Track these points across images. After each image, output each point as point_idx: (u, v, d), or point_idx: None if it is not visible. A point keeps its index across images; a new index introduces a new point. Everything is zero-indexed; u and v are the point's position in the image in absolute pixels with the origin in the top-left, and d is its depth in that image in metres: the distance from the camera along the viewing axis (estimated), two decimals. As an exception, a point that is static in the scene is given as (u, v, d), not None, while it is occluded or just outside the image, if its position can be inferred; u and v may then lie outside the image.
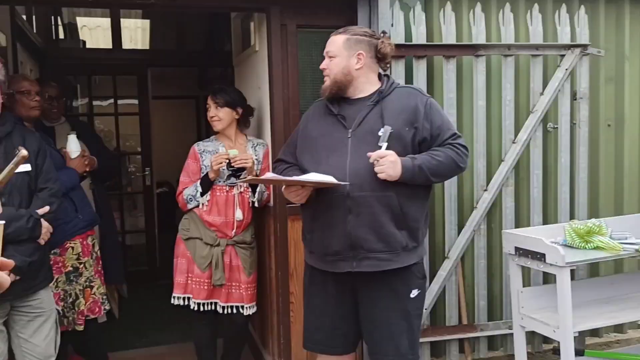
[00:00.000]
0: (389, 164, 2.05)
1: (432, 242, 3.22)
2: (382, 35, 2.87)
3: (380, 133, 2.10)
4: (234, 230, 2.96)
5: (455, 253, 3.18)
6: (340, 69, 2.20)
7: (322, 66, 2.26)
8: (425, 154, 2.16)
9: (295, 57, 3.06)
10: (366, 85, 2.25)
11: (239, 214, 2.95)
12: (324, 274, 2.25)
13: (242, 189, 2.98)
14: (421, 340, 3.14)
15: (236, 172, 2.92)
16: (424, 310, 3.14)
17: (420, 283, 2.25)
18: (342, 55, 2.21)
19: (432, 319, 3.24)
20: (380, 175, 2.06)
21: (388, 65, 2.58)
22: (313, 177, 2.10)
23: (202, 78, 7.41)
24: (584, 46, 3.29)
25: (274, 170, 2.44)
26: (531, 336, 3.30)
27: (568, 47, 3.28)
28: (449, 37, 3.17)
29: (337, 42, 2.23)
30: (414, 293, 2.22)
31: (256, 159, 3.02)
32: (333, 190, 2.11)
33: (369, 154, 2.07)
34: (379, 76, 2.30)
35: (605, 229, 2.72)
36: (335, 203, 2.13)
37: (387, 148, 2.09)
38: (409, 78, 3.11)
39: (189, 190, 2.97)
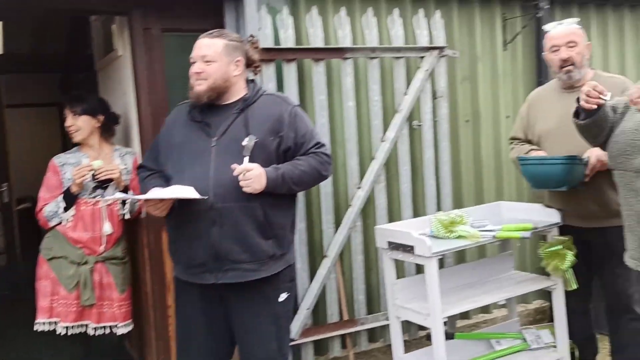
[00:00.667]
0: (254, 177, 2.05)
1: (311, 242, 3.28)
2: (250, 39, 2.88)
3: (244, 143, 2.10)
4: (103, 246, 2.81)
5: (334, 251, 3.26)
6: (220, 74, 2.16)
7: (196, 70, 2.15)
8: (288, 163, 2.17)
9: (161, 62, 2.97)
10: (236, 91, 2.24)
11: (107, 228, 2.80)
12: (191, 286, 2.20)
13: (110, 201, 2.83)
14: (304, 340, 3.21)
15: (102, 184, 2.77)
16: (306, 310, 3.18)
17: (288, 286, 2.27)
18: (222, 60, 2.16)
19: (314, 318, 3.30)
20: (246, 189, 2.05)
21: (258, 70, 2.58)
22: (173, 190, 2.06)
23: (64, 83, 6.95)
24: (441, 48, 3.51)
25: (137, 176, 2.37)
26: (408, 325, 3.47)
27: (427, 49, 3.48)
28: (316, 40, 3.23)
29: (215, 47, 2.16)
30: (283, 297, 2.24)
31: (125, 169, 2.89)
32: (196, 201, 2.07)
33: (234, 166, 2.06)
34: (246, 82, 2.30)
35: (467, 219, 2.92)
36: (199, 215, 2.09)
37: (252, 157, 2.08)
38: (279, 82, 3.14)
39: (50, 206, 2.77)
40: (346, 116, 3.32)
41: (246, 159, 2.07)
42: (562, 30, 2.84)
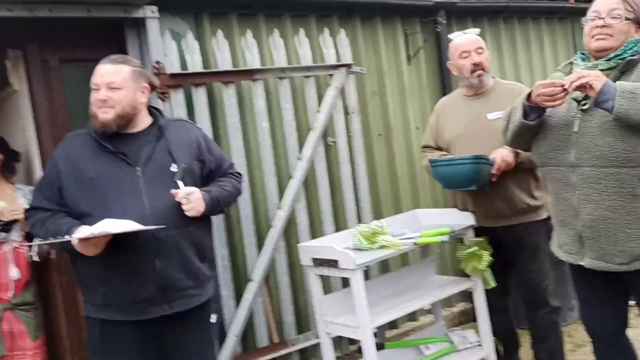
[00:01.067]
0: (197, 200, 2.07)
1: (235, 267, 3.22)
2: (156, 65, 2.82)
3: (173, 169, 2.09)
4: (11, 292, 2.62)
5: (259, 274, 3.22)
6: (128, 101, 2.09)
7: (101, 98, 2.06)
8: (215, 185, 2.22)
9: (62, 94, 2.86)
10: (142, 119, 2.18)
11: (14, 273, 2.62)
12: (122, 325, 2.09)
13: (16, 244, 2.66)
14: (235, 368, 3.12)
15: (5, 226, 2.60)
16: (234, 337, 3.11)
17: (216, 307, 2.32)
18: (130, 87, 2.10)
19: (243, 345, 3.22)
20: (189, 213, 2.06)
21: (166, 97, 2.53)
22: (112, 225, 1.93)
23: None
24: (349, 65, 3.59)
25: (27, 220, 2.18)
26: (339, 341, 3.47)
27: (335, 67, 3.55)
28: (225, 63, 3.22)
29: (122, 73, 2.09)
30: (213, 318, 2.27)
31: (30, 209, 2.71)
32: (136, 235, 1.98)
33: (174, 192, 2.04)
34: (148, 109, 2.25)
35: (387, 229, 2.97)
36: (139, 248, 2.02)
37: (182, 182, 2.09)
38: (189, 107, 3.09)
39: (-54, 254, 2.55)
40: (261, 137, 3.31)
41: (181, 183, 2.07)
42: (470, 37, 2.99)
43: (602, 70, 2.05)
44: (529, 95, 2.12)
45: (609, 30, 2.05)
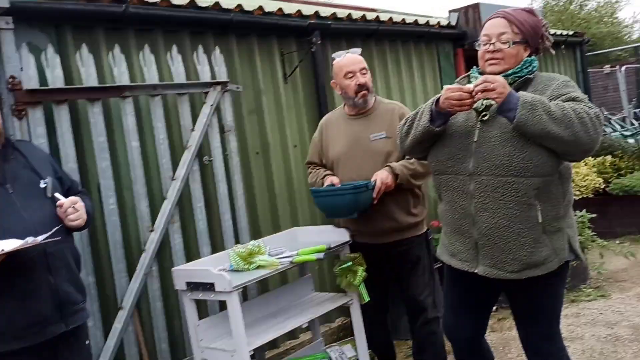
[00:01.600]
0: (82, 210, 2.11)
1: (103, 295, 3.02)
2: (11, 80, 2.62)
3: (43, 184, 2.07)
4: None
5: (129, 301, 3.05)
6: None
7: None
8: (80, 199, 2.16)
9: None
10: None
11: None
12: (15, 355, 1.95)
13: None
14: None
15: None
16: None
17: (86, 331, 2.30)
18: None
19: (114, 378, 3.03)
20: (77, 223, 2.08)
21: (23, 114, 2.37)
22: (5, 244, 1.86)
23: None
24: (224, 83, 3.55)
25: None
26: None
27: (210, 84, 3.49)
28: (90, 79, 3.04)
29: None
30: (87, 341, 2.25)
31: None
32: (25, 252, 1.90)
33: (60, 202, 2.05)
34: None
35: (264, 248, 2.96)
36: (32, 266, 1.95)
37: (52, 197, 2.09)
38: (50, 125, 2.87)
39: None
40: (131, 157, 3.15)
41: (59, 195, 2.08)
42: (354, 57, 3.04)
43: None
44: (437, 100, 2.16)
45: (499, 55, 2.15)
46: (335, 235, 3.13)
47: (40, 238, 1.89)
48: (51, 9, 2.95)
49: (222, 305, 3.31)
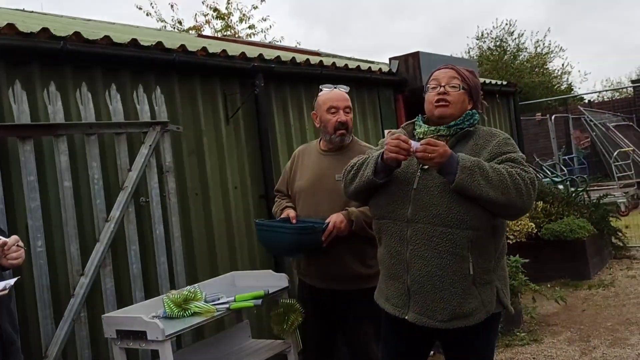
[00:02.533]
0: (23, 248, 2.07)
1: (26, 343, 2.84)
2: None
3: None
4: None
5: (55, 349, 2.88)
6: None
7: None
8: None
9: None
10: None
11: None
12: None
13: None
14: None
15: None
16: None
17: None
18: None
19: None
20: (18, 262, 2.04)
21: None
22: None
23: None
24: (164, 123, 3.50)
25: None
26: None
27: (149, 124, 3.43)
28: (22, 117, 2.93)
29: None
30: None
31: None
32: None
33: (5, 240, 2.00)
34: None
35: (200, 294, 2.88)
36: None
37: None
38: (-24, 163, 2.74)
39: None
40: (63, 197, 3.04)
41: None
42: (341, 94, 2.95)
43: (442, 135, 2.21)
44: (382, 154, 2.15)
45: (449, 98, 2.22)
46: (274, 280, 3.09)
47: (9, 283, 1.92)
48: (-17, 44, 2.86)
49: (155, 354, 3.18)
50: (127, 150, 3.33)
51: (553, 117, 12.83)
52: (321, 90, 3.05)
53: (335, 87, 3.02)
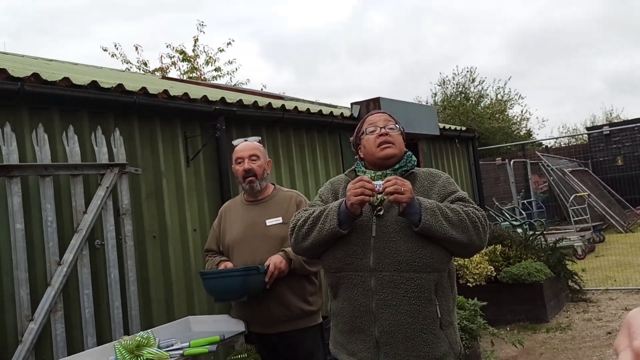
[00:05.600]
0: None
1: (-33, 394, 2.72)
2: None
3: None
4: None
5: (-2, 400, 2.76)
6: None
7: None
8: None
9: None
10: None
11: None
12: None
13: None
14: None
15: None
16: None
17: None
18: None
19: None
20: None
21: None
22: None
23: None
24: (122, 165, 3.47)
25: None
26: None
27: (107, 166, 3.41)
28: (-26, 156, 2.88)
29: None
30: None
31: None
32: None
33: None
34: None
35: (154, 339, 2.81)
36: None
37: None
38: None
39: None
40: (14, 240, 2.96)
41: None
42: (247, 144, 3.10)
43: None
44: (343, 203, 2.08)
45: (390, 138, 2.21)
46: (230, 325, 3.04)
47: None
48: (-63, 83, 2.82)
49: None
50: (82, 192, 3.29)
51: (512, 162, 13.20)
52: (234, 145, 3.19)
53: (246, 140, 3.18)
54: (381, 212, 2.15)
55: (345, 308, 2.18)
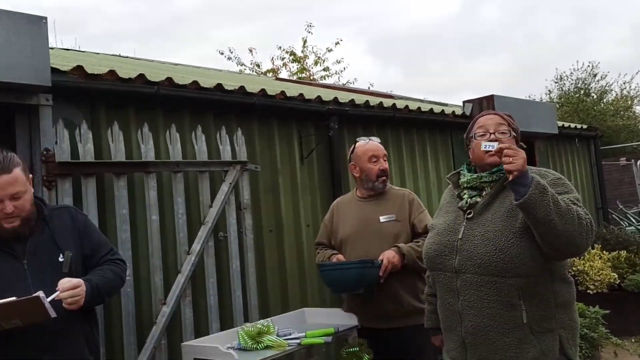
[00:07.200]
0: (81, 292, 2.04)
1: (111, 367, 3.04)
2: (44, 153, 2.76)
3: (61, 259, 2.11)
4: None
5: (136, 375, 3.06)
6: (30, 202, 2.11)
7: (8, 211, 2.02)
8: (94, 274, 2.17)
9: None
10: None
11: None
12: None
13: None
14: None
15: None
16: None
17: None
18: (28, 189, 2.11)
19: None
20: (71, 307, 2.02)
21: (53, 185, 2.47)
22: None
23: None
24: (244, 163, 3.70)
25: None
26: None
27: (230, 163, 3.64)
28: (118, 154, 3.20)
29: (19, 179, 2.05)
30: None
31: None
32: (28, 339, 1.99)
33: (60, 286, 2.01)
34: None
35: (273, 328, 2.97)
36: (25, 343, 2.01)
37: (70, 271, 2.10)
38: (77, 196, 3.01)
39: None
40: (150, 230, 3.26)
41: (65, 274, 2.07)
42: (378, 145, 3.19)
43: (485, 181, 2.17)
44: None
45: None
46: (343, 318, 3.13)
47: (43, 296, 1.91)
48: (88, 88, 3.17)
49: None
50: (209, 187, 3.54)
51: (639, 163, 12.25)
52: (357, 142, 3.24)
53: (370, 139, 3.23)
54: (471, 215, 2.16)
55: (440, 306, 2.27)
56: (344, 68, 19.27)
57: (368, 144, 3.20)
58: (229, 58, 17.11)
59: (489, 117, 2.28)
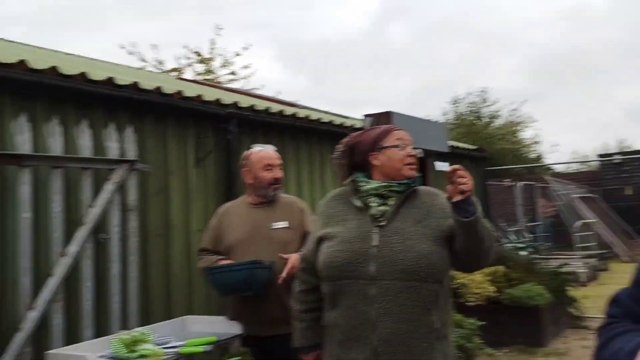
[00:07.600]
0: None
1: (-36, 377, 2.76)
2: None
3: None
4: None
5: (-6, 386, 2.79)
6: None
7: None
8: None
9: None
10: None
11: None
12: None
13: None
14: None
15: None
16: None
17: None
18: None
19: None
20: None
21: None
22: None
23: None
24: (133, 162, 3.52)
25: None
26: None
27: (117, 162, 3.45)
28: (-12, 144, 2.94)
29: None
30: None
31: None
32: None
33: None
34: None
35: (150, 336, 2.83)
36: None
37: None
38: None
39: None
40: (20, 228, 3.01)
41: None
42: (274, 153, 3.15)
43: (394, 191, 2.19)
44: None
45: (414, 160, 2.22)
46: (226, 327, 3.06)
47: None
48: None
49: (98, 396, 3.10)
50: (91, 186, 3.33)
51: (520, 185, 13.17)
52: (252, 148, 3.21)
53: (265, 147, 3.22)
54: (383, 223, 2.17)
55: (344, 317, 2.19)
56: (252, 73, 19.18)
57: (263, 152, 3.18)
58: (131, 53, 16.45)
59: (403, 132, 2.31)
